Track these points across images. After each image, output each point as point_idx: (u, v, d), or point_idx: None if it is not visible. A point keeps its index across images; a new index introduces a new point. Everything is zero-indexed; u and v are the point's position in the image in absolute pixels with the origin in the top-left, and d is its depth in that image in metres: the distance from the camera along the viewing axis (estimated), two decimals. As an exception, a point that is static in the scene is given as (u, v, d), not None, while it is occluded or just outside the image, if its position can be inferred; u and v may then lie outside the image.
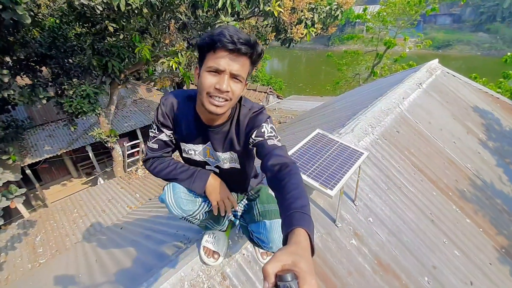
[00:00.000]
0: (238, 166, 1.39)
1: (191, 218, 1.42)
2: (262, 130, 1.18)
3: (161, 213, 3.61)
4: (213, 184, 1.32)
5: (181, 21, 6.35)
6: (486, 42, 30.98)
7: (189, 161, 1.41)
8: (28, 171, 9.07)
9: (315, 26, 6.08)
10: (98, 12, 5.09)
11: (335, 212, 2.34)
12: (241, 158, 1.36)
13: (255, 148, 1.21)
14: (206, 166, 1.42)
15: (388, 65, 13.24)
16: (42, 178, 10.90)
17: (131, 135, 11.91)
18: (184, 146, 1.35)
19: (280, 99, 14.55)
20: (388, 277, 2.17)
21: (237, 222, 1.62)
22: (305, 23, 5.96)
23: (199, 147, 1.34)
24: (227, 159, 1.35)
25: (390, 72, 12.72)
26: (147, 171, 7.56)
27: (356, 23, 33.69)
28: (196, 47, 1.17)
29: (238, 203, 1.57)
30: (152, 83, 14.92)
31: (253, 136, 1.19)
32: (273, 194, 1.09)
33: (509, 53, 8.48)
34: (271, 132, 1.18)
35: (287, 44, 6.61)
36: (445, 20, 35.49)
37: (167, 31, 7.01)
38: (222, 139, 1.28)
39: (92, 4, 4.90)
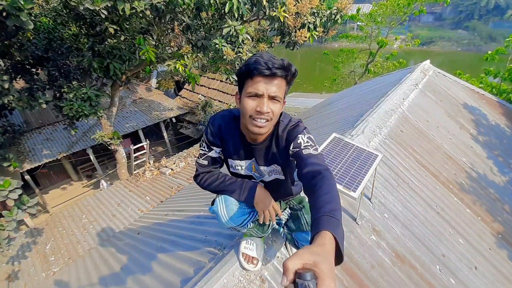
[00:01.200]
0: (282, 177, 1.48)
1: (239, 228, 1.52)
2: (299, 142, 1.24)
3: (179, 217, 3.64)
4: (260, 194, 1.40)
5: (184, 23, 6.38)
6: (465, 39, 32.74)
7: (236, 175, 1.54)
8: (27, 177, 8.91)
9: (317, 29, 6.31)
10: (103, 16, 5.08)
11: (355, 211, 2.59)
12: (284, 170, 1.45)
13: (294, 158, 1.28)
14: (252, 180, 1.53)
15: (381, 63, 13.84)
16: (41, 183, 10.69)
17: (133, 136, 11.78)
18: (232, 162, 1.48)
19: None
20: (405, 267, 2.43)
21: (281, 230, 1.75)
22: (308, 26, 6.18)
23: (245, 163, 1.46)
24: (271, 172, 1.45)
25: (382, 69, 13.34)
26: (155, 173, 7.58)
27: (347, 21, 34.27)
28: (236, 76, 1.34)
29: (282, 211, 1.70)
30: (151, 82, 14.70)
31: (291, 148, 1.26)
32: None
33: (489, 52, 8.85)
34: (307, 142, 1.24)
35: (292, 47, 6.84)
36: (428, 18, 37.32)
37: (170, 32, 7.01)
38: (265, 154, 1.38)
39: (97, 8, 4.89)
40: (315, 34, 6.36)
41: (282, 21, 5.91)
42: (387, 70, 12.70)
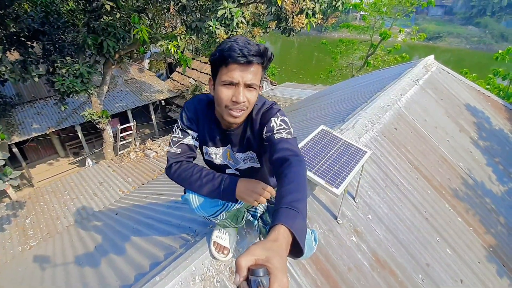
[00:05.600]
0: (257, 165, 1.40)
1: (212, 218, 1.43)
2: (271, 125, 1.18)
3: (158, 201, 3.59)
4: (242, 189, 1.20)
5: (180, 3, 6.15)
6: (475, 36, 31.41)
7: (210, 164, 1.45)
8: (14, 149, 8.82)
9: (316, 16, 6.10)
10: None
11: (336, 208, 2.38)
12: (260, 157, 1.37)
13: (266, 143, 1.22)
14: (227, 169, 1.44)
15: (382, 56, 13.38)
16: (28, 157, 10.62)
17: (122, 116, 11.66)
18: (206, 149, 1.39)
19: (274, 85, 14.47)
20: (384, 273, 2.24)
21: (256, 222, 1.64)
22: (306, 12, 5.96)
23: (220, 150, 1.38)
24: (247, 159, 1.38)
25: (383, 63, 12.87)
26: (139, 155, 7.46)
27: (350, 11, 33.45)
28: (209, 62, 1.17)
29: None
30: (144, 62, 14.51)
31: (264, 133, 1.20)
32: None
33: (500, 51, 8.54)
34: (280, 126, 1.18)
35: (288, 33, 6.63)
36: (437, 12, 35.81)
37: (166, 12, 6.82)
38: (240, 140, 1.32)
39: None
40: (313, 21, 6.17)
41: (279, 5, 5.69)
42: (388, 64, 12.23)
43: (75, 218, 5.67)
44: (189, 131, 1.31)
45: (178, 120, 1.33)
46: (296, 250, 0.73)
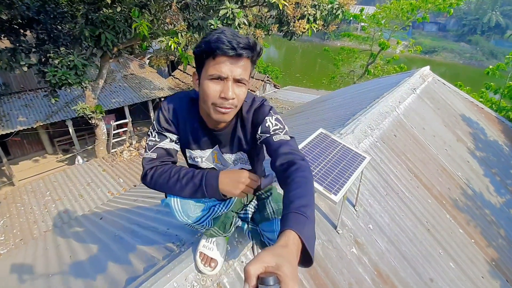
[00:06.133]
0: (248, 166, 1.30)
1: (197, 226, 1.27)
2: (267, 125, 1.10)
3: (148, 205, 3.33)
4: (226, 181, 1.05)
5: (183, 1, 6.07)
6: (467, 52, 33.01)
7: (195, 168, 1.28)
8: (-5, 143, 8.19)
9: (317, 22, 6.24)
10: None
11: (336, 217, 2.21)
12: (251, 158, 1.27)
13: (264, 146, 1.16)
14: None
15: (381, 65, 13.78)
16: (11, 152, 9.87)
17: (119, 113, 11.12)
18: (190, 153, 1.26)
19: (277, 88, 14.62)
20: (387, 289, 2.06)
21: (246, 226, 1.47)
22: (308, 18, 6.05)
23: (207, 153, 1.25)
24: (237, 160, 1.27)
25: (382, 72, 13.27)
26: (133, 154, 7.11)
27: (351, 21, 34.71)
28: (193, 54, 1.04)
29: (248, 204, 1.49)
30: (145, 59, 14.25)
31: (259, 133, 1.12)
32: None
33: (490, 66, 8.77)
34: (275, 125, 1.11)
35: (289, 37, 6.71)
36: (431, 28, 37.98)
37: (168, 9, 6.69)
38: (230, 140, 1.21)
39: None
40: (314, 26, 6.29)
41: (281, 8, 5.72)
42: (387, 73, 12.59)
43: (54, 223, 5.27)
44: (167, 134, 1.16)
45: (154, 122, 1.18)
46: (305, 258, 0.68)
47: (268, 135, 1.09)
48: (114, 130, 9.17)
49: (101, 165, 6.96)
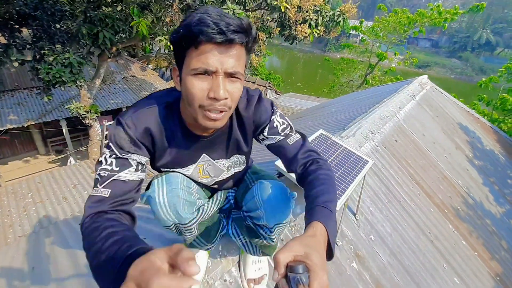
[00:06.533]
0: (241, 167, 1.15)
1: (183, 229, 1.04)
2: (275, 125, 0.99)
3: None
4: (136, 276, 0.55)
5: (185, 2, 5.93)
6: (458, 68, 35.22)
7: None
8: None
9: (319, 28, 6.29)
10: None
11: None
12: (247, 158, 1.15)
13: (272, 148, 1.04)
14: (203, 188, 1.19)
15: (379, 76, 14.21)
16: (0, 152, 9.51)
17: (116, 114, 10.85)
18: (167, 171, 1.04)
19: (278, 94, 14.76)
20: (390, 307, 1.87)
21: (230, 222, 1.33)
22: (310, 23, 6.12)
23: (190, 170, 1.03)
24: (231, 165, 1.10)
25: (380, 82, 13.62)
26: None
27: (351, 35, 36.36)
28: (170, 43, 0.87)
29: (230, 189, 1.31)
30: (147, 62, 14.02)
31: (265, 134, 1.00)
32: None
33: (483, 78, 8.94)
34: (283, 124, 1.00)
35: (291, 41, 6.73)
36: (425, 44, 40.66)
37: (169, 10, 6.53)
38: (224, 145, 1.02)
39: None
40: (316, 32, 6.34)
41: (283, 11, 5.71)
42: (385, 84, 12.89)
43: (32, 227, 4.93)
44: (134, 157, 0.83)
45: (111, 143, 0.81)
46: (327, 250, 0.68)
47: (279, 137, 0.99)
48: (106, 131, 8.87)
49: (91, 167, 6.60)
